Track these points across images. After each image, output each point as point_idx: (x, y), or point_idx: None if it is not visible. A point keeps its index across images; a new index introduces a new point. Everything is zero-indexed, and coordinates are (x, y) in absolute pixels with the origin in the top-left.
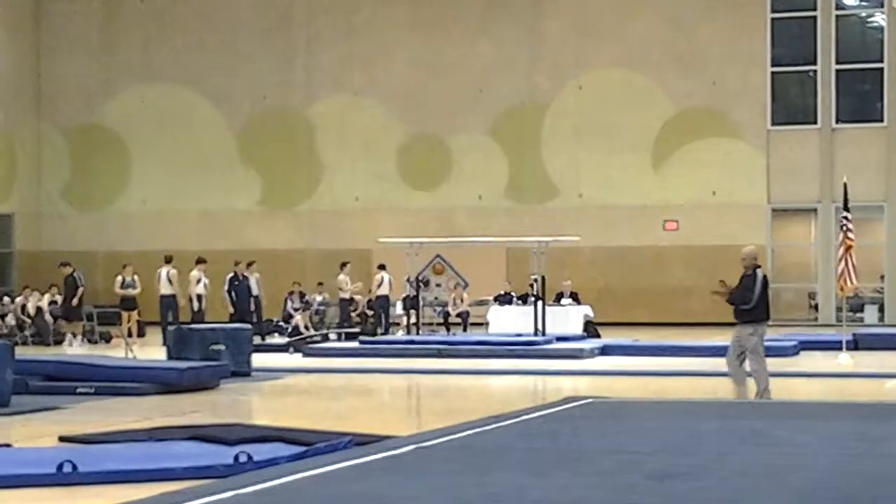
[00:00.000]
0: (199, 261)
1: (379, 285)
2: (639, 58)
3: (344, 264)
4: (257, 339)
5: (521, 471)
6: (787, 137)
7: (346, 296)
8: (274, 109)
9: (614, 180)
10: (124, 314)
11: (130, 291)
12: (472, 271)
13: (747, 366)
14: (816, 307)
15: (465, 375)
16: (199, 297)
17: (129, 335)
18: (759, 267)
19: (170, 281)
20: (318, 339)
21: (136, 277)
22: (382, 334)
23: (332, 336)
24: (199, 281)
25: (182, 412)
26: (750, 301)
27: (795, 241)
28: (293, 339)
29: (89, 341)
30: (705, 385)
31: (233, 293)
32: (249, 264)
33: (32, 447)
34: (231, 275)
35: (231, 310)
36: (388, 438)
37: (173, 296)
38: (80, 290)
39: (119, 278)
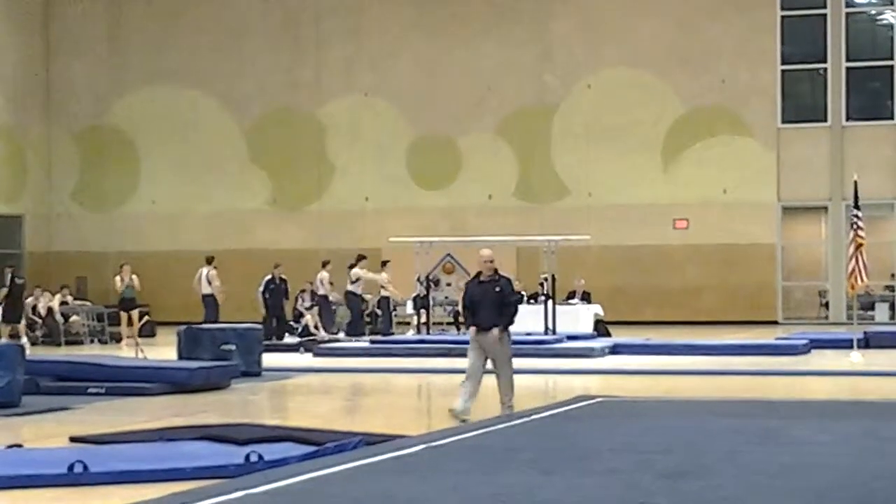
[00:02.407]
0: (326, 263)
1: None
2: (648, 57)
3: (385, 263)
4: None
5: (532, 470)
6: (798, 135)
7: (387, 293)
8: (283, 110)
9: (624, 179)
10: (123, 315)
11: (127, 292)
12: None
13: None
14: (827, 305)
15: None
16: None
17: (121, 338)
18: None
19: (209, 281)
20: (328, 338)
21: (134, 277)
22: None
23: (342, 335)
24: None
25: (192, 412)
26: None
27: (806, 240)
28: (303, 338)
29: (100, 341)
30: (716, 384)
31: (267, 295)
32: (325, 264)
33: (43, 447)
34: (268, 277)
35: (263, 311)
36: (399, 438)
37: (212, 295)
38: (23, 290)
39: (117, 279)
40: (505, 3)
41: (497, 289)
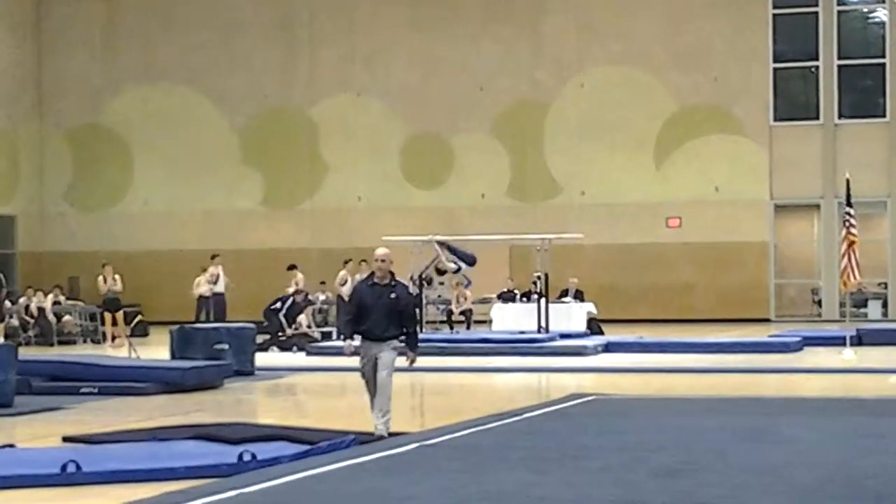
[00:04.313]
0: (348, 262)
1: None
2: (640, 55)
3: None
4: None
5: (525, 468)
6: (790, 133)
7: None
8: (276, 109)
9: (617, 177)
10: (107, 315)
11: (110, 293)
12: (476, 269)
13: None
14: (820, 303)
15: (468, 373)
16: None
17: (114, 337)
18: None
19: (213, 280)
20: (319, 337)
21: (117, 277)
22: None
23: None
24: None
25: (185, 411)
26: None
27: (798, 237)
28: (291, 334)
29: (93, 341)
30: (708, 381)
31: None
32: (361, 262)
33: (36, 447)
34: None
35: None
36: (392, 436)
37: (223, 294)
38: (3, 290)
39: (100, 279)
40: (498, 2)
41: (392, 295)
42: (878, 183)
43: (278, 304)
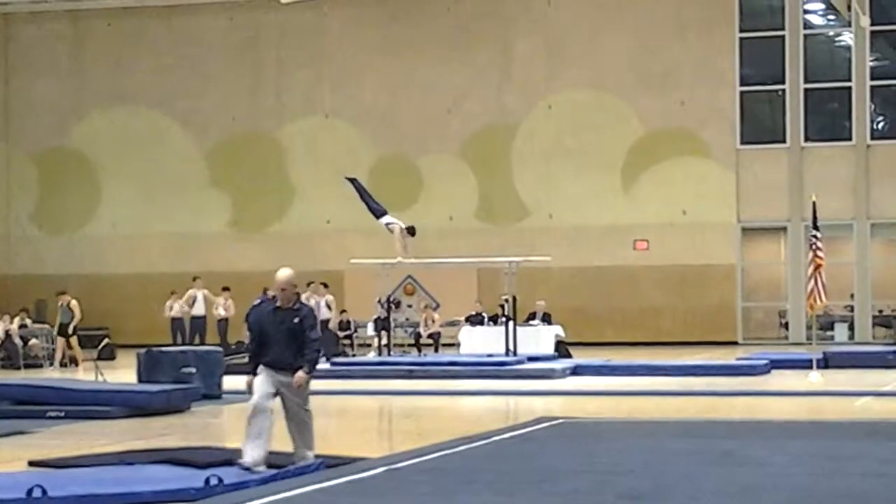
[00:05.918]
0: (310, 284)
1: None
2: (608, 78)
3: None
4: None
5: (493, 492)
6: (757, 156)
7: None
8: (244, 131)
9: (584, 200)
10: (60, 340)
11: (63, 318)
12: (444, 292)
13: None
14: (787, 326)
15: (436, 396)
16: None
17: (67, 361)
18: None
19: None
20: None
21: (73, 304)
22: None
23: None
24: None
25: (153, 435)
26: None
27: (765, 260)
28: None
29: (60, 365)
30: (676, 404)
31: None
32: (325, 285)
33: (2, 472)
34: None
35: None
36: (359, 460)
37: (203, 317)
38: None
39: (59, 303)
40: (466, 25)
41: (296, 319)
42: (844, 206)
43: None
